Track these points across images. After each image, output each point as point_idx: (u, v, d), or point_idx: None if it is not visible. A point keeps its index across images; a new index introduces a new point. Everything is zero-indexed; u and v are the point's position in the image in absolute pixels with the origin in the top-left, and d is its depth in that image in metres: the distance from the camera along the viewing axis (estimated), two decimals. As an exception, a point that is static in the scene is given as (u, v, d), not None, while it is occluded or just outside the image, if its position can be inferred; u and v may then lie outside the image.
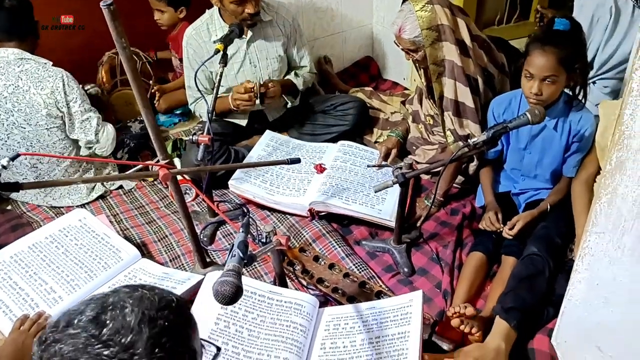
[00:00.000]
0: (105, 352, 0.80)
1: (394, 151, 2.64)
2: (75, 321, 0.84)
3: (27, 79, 2.32)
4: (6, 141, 2.40)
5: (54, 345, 0.82)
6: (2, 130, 2.37)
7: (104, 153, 2.60)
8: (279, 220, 2.43)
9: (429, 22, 2.18)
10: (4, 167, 1.43)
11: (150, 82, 3.18)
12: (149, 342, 0.83)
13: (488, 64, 2.31)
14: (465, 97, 2.27)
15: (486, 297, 2.01)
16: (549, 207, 2.08)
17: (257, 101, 2.52)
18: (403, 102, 2.94)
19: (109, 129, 2.57)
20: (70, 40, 3.12)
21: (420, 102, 2.63)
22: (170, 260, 2.25)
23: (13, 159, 1.46)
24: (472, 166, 2.43)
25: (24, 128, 2.37)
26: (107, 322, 0.83)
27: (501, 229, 2.08)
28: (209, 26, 2.55)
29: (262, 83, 2.54)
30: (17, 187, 1.46)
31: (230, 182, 2.48)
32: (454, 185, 2.51)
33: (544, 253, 1.89)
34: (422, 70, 2.37)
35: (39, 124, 2.37)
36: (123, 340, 0.82)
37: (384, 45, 3.49)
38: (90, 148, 2.56)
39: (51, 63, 2.40)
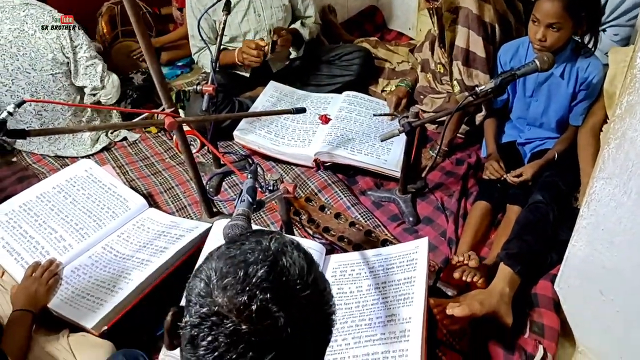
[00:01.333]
0: (298, 296, 0.79)
1: (403, 101, 2.63)
2: (253, 269, 0.79)
3: (33, 23, 2.30)
4: (10, 87, 2.39)
5: (238, 294, 0.78)
6: (7, 75, 2.36)
7: (109, 101, 2.59)
8: (284, 171, 2.44)
9: None
10: (10, 114, 1.43)
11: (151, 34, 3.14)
12: (322, 281, 0.84)
13: (507, 11, 2.27)
14: (477, 46, 2.23)
15: (491, 244, 2.04)
16: (555, 156, 2.08)
17: (265, 57, 2.49)
18: (411, 51, 2.90)
19: (114, 77, 2.56)
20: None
21: (432, 50, 2.60)
22: (177, 211, 2.27)
23: (19, 105, 1.46)
24: (479, 116, 2.42)
25: (29, 73, 2.36)
26: (287, 268, 0.81)
27: (505, 177, 2.09)
28: None
29: (273, 30, 2.50)
30: (23, 133, 1.47)
31: (235, 133, 2.48)
32: (459, 135, 2.50)
33: (548, 200, 1.91)
34: (435, 17, 2.33)
35: (44, 69, 2.36)
36: (308, 282, 0.81)
37: (389, -7, 3.43)
38: (95, 95, 2.55)
39: (56, 10, 2.38)
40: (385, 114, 2.49)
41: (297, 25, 2.72)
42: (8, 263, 1.87)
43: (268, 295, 0.77)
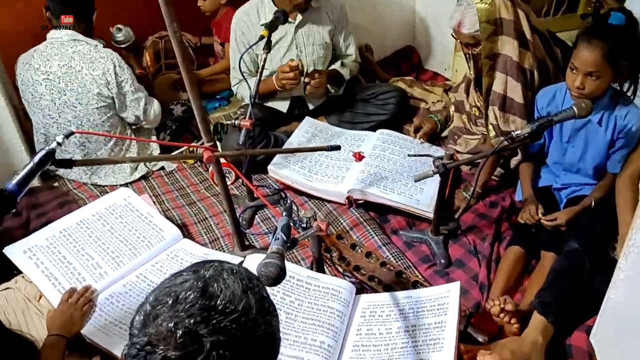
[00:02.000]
0: (226, 321, 0.83)
1: (427, 126, 2.70)
2: (182, 295, 0.85)
3: (80, 59, 2.40)
4: (57, 119, 2.49)
5: (166, 321, 0.83)
6: (54, 109, 2.46)
7: (151, 126, 2.71)
8: (316, 207, 2.46)
9: (487, 16, 2.15)
10: (59, 144, 1.49)
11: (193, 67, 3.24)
12: (257, 306, 0.88)
13: (546, 57, 2.28)
14: (515, 92, 2.24)
15: (523, 291, 2.01)
16: (592, 203, 2.06)
17: (302, 82, 2.54)
18: (446, 91, 2.92)
19: (156, 105, 2.67)
20: (114, 22, 3.20)
21: (467, 92, 2.62)
22: (210, 242, 2.31)
23: (67, 136, 1.52)
24: (514, 160, 2.41)
25: (75, 107, 2.46)
26: (217, 293, 0.86)
27: (540, 220, 2.06)
28: (259, 9, 2.59)
29: (307, 72, 2.56)
30: (70, 163, 1.53)
31: (269, 167, 2.52)
32: (493, 177, 2.50)
33: (584, 249, 1.88)
34: (472, 61, 2.36)
35: (90, 103, 2.46)
36: (238, 307, 0.86)
37: (426, 34, 3.46)
38: (137, 124, 2.64)
39: (102, 45, 2.49)
40: (420, 155, 2.51)
41: (336, 65, 2.78)
42: (46, 287, 1.92)
43: (194, 320, 0.82)
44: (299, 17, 2.59)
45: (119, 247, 2.09)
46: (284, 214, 1.54)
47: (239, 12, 2.63)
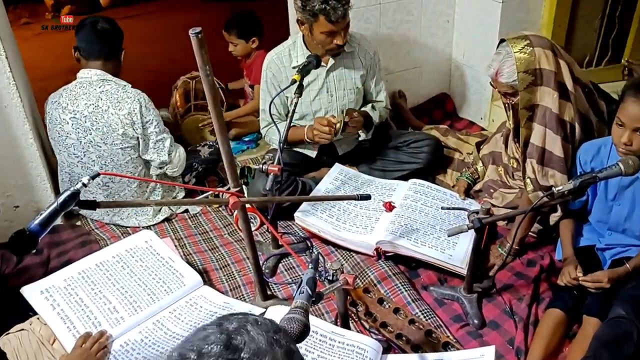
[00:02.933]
0: None
1: (460, 186, 2.70)
2: (206, 349, 0.86)
3: (107, 99, 2.46)
4: (82, 159, 2.54)
5: None
6: (79, 148, 2.52)
7: (175, 173, 2.72)
8: (343, 258, 2.43)
9: (526, 65, 2.15)
10: (85, 185, 1.52)
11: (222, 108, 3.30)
12: (280, 357, 0.88)
13: (589, 109, 2.26)
14: (554, 145, 2.21)
15: (563, 358, 1.92)
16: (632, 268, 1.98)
17: (336, 136, 2.56)
18: (478, 144, 2.90)
19: (181, 151, 2.69)
20: (146, 62, 3.31)
21: (506, 143, 2.59)
22: (231, 290, 2.29)
23: (93, 178, 1.54)
24: (554, 217, 2.36)
25: (100, 147, 2.51)
26: (241, 346, 0.86)
27: (581, 281, 1.99)
28: (291, 52, 2.64)
29: (346, 111, 2.58)
30: (93, 205, 1.54)
31: (296, 215, 2.51)
32: (531, 234, 2.44)
33: (632, 316, 1.79)
34: (511, 111, 2.34)
35: (115, 143, 2.51)
36: (265, 358, 0.86)
37: (462, 82, 3.48)
38: (161, 168, 2.67)
39: (130, 85, 2.55)
40: (454, 208, 2.47)
41: (367, 108, 2.80)
42: (60, 331, 1.91)
43: None
44: (331, 61, 2.64)
45: (138, 292, 2.08)
46: (310, 266, 1.51)
47: (271, 54, 2.69)
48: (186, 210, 2.79)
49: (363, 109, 2.80)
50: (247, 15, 3.38)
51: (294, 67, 2.60)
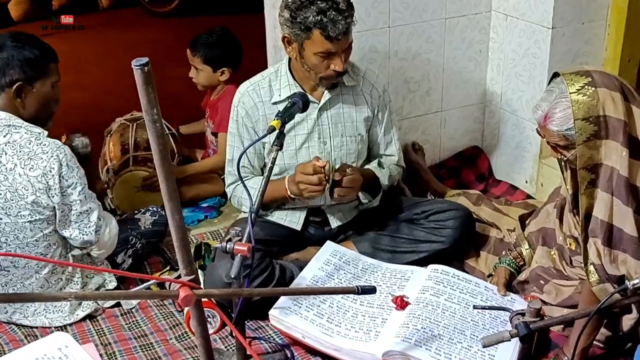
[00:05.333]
0: None
1: (499, 277, 2.70)
2: None
3: (14, 154, 2.44)
4: (-26, 234, 2.51)
5: None
6: (-29, 219, 2.49)
7: (102, 255, 2.70)
8: (336, 375, 2.41)
9: (586, 111, 2.19)
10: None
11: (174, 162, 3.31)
12: None
13: None
14: (625, 220, 2.23)
15: None
16: None
17: (327, 190, 2.55)
18: (522, 218, 2.91)
19: (113, 226, 2.68)
20: (69, 97, 3.33)
21: (561, 217, 2.61)
22: (178, 419, 2.24)
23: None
24: (629, 319, 2.36)
25: (1, 219, 2.48)
26: None
27: None
28: (272, 83, 2.69)
29: (336, 168, 2.58)
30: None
31: (271, 313, 2.49)
32: (597, 343, 2.43)
33: None
34: (568, 171, 2.37)
35: (21, 215, 2.48)
36: None
37: (500, 132, 3.54)
38: (84, 248, 2.65)
39: (46, 134, 2.51)
40: (490, 307, 2.47)
41: (372, 165, 2.83)
42: None
43: None
44: (326, 96, 2.67)
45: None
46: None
47: (245, 85, 2.72)
48: (117, 305, 2.75)
49: (367, 166, 2.82)
50: (222, 36, 3.44)
51: (275, 103, 2.64)
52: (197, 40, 3.41)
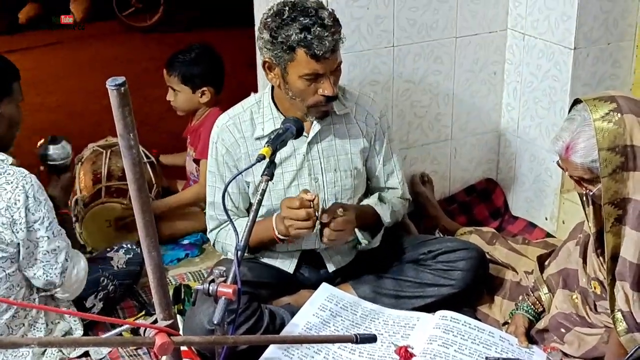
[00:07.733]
0: None
1: (516, 326, 2.69)
2: None
3: None
4: None
5: None
6: None
7: (67, 298, 2.68)
8: None
9: (612, 140, 2.20)
10: None
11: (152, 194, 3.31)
12: None
13: None
14: (656, 262, 2.25)
15: None
16: None
17: (317, 227, 2.53)
18: (541, 259, 2.91)
19: (81, 267, 2.67)
20: (36, 119, 3.33)
21: (584, 257, 2.61)
22: None
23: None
24: (660, 373, 2.35)
25: None
26: None
27: None
28: (254, 115, 2.68)
29: (325, 208, 2.58)
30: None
31: (259, 364, 2.48)
32: (625, 399, 2.42)
33: None
34: (591, 207, 2.38)
35: None
36: None
37: (516, 163, 3.55)
38: (47, 290, 2.63)
39: (11, 160, 2.51)
40: (506, 359, 2.46)
41: (372, 200, 2.83)
42: None
43: None
44: (316, 127, 2.66)
45: None
46: None
47: (223, 119, 2.71)
48: (86, 354, 2.74)
49: (365, 201, 2.82)
50: (201, 53, 3.45)
51: (258, 139, 2.64)
52: (173, 59, 3.41)
